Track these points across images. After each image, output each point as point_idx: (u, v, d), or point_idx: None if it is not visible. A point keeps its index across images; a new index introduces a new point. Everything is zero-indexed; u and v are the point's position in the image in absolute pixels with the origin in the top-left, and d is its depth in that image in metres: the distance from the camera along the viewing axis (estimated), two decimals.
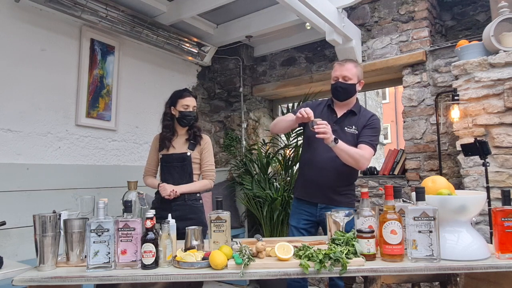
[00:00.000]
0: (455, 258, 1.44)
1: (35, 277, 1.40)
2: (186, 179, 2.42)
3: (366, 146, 2.14)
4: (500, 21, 2.44)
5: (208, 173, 2.50)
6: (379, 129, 2.25)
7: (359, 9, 3.49)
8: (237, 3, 3.35)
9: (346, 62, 2.23)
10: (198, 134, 2.52)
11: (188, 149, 2.45)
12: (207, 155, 2.51)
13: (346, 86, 2.19)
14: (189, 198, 2.40)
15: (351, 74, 2.18)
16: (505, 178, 2.41)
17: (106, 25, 3.12)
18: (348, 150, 2.06)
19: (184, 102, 2.43)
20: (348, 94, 2.22)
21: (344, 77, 2.19)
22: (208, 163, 2.50)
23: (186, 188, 2.37)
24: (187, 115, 2.43)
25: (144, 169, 2.59)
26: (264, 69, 4.32)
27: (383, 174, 3.37)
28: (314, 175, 2.22)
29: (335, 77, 2.23)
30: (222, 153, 4.39)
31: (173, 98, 2.49)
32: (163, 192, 2.32)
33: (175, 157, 2.43)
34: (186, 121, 2.45)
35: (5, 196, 2.55)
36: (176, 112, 2.46)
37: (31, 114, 2.78)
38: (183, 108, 2.43)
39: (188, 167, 2.42)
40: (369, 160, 2.14)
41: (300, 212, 2.27)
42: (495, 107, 2.47)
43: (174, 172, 2.42)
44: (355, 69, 2.20)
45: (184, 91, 2.50)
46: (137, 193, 1.77)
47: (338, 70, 2.21)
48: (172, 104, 2.48)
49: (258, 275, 1.43)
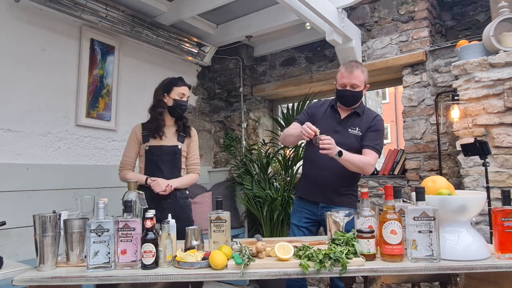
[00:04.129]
0: (455, 258, 1.44)
1: (35, 277, 1.40)
2: (176, 173, 2.29)
3: (371, 151, 2.12)
4: (500, 21, 2.44)
5: (195, 167, 2.39)
6: (383, 131, 2.23)
7: (359, 9, 3.49)
8: (237, 3, 3.35)
9: (354, 68, 2.15)
10: (188, 126, 2.39)
11: (178, 141, 2.31)
12: (195, 148, 2.40)
13: (354, 94, 2.17)
14: (181, 196, 2.30)
15: (359, 81, 2.14)
16: (505, 178, 2.41)
17: (106, 25, 3.12)
18: (353, 160, 2.04)
19: (180, 90, 2.29)
20: (356, 101, 2.21)
21: (353, 85, 2.14)
22: (195, 156, 2.40)
23: (178, 183, 2.26)
24: (182, 104, 2.29)
25: (121, 162, 2.36)
26: (264, 69, 4.32)
27: (383, 174, 3.37)
28: (316, 175, 2.22)
29: (343, 84, 2.16)
30: (222, 153, 4.39)
31: (168, 85, 2.31)
32: (157, 188, 2.16)
33: (166, 150, 2.27)
34: (180, 111, 2.30)
35: (5, 196, 2.55)
36: (169, 100, 2.28)
37: (31, 114, 2.78)
38: (179, 97, 2.28)
39: (179, 160, 2.31)
40: (374, 165, 2.13)
41: (301, 211, 2.28)
42: (495, 107, 2.47)
43: (163, 166, 2.26)
44: (362, 75, 2.16)
45: (180, 79, 2.35)
46: (137, 193, 1.77)
47: (347, 78, 2.14)
48: (165, 91, 2.30)
49: (258, 275, 1.43)
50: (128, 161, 2.35)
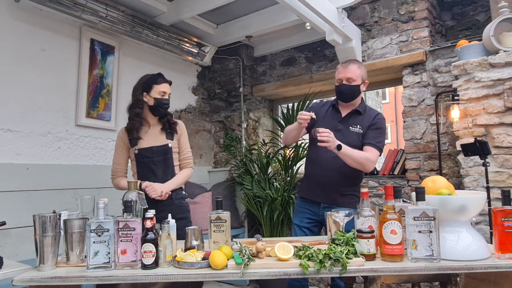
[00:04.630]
0: (455, 258, 1.44)
1: (35, 277, 1.40)
2: (170, 173, 2.22)
3: (372, 148, 2.13)
4: (500, 21, 2.44)
5: (188, 161, 2.32)
6: (385, 129, 2.23)
7: (359, 9, 3.49)
8: (237, 3, 3.35)
9: (350, 63, 2.21)
10: (173, 122, 2.29)
11: (168, 140, 2.24)
12: (185, 142, 2.32)
13: (350, 87, 2.18)
14: (176, 197, 2.23)
15: (355, 75, 2.17)
16: (505, 178, 2.41)
17: (106, 25, 3.12)
18: (353, 155, 2.05)
19: (160, 88, 2.19)
20: (353, 95, 2.22)
21: (348, 79, 2.17)
22: (187, 150, 2.32)
23: (174, 184, 2.19)
24: (164, 103, 2.20)
25: (112, 171, 2.30)
26: (264, 69, 4.32)
27: (383, 174, 3.37)
28: (317, 174, 2.23)
29: (339, 79, 2.21)
30: (222, 153, 4.39)
31: (147, 84, 2.21)
32: (152, 193, 2.09)
33: (156, 150, 2.19)
34: (163, 110, 2.22)
35: (5, 196, 2.55)
36: (149, 99, 2.19)
37: (31, 114, 2.78)
38: (160, 95, 2.19)
39: (170, 160, 2.23)
40: (375, 162, 2.14)
41: (303, 211, 2.27)
42: (495, 107, 2.47)
43: (155, 167, 2.19)
44: (358, 70, 2.19)
45: (159, 75, 2.25)
46: (137, 193, 1.77)
47: (342, 72, 2.19)
48: (145, 90, 2.20)
49: (258, 275, 1.43)
50: (119, 168, 2.29)
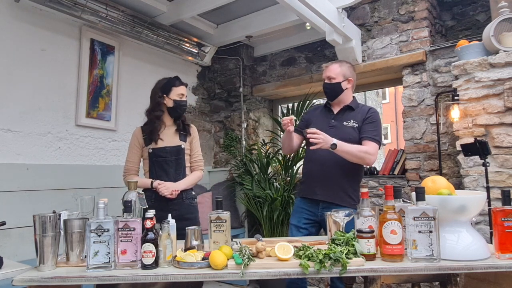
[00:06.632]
0: (455, 258, 1.44)
1: (35, 277, 1.40)
2: (182, 173, 2.29)
3: (370, 142, 2.15)
4: (500, 21, 2.44)
5: (199, 163, 2.40)
6: (379, 122, 2.26)
7: (359, 9, 3.49)
8: (237, 3, 3.35)
9: (332, 63, 2.34)
10: (187, 124, 2.38)
11: (181, 141, 2.31)
12: (197, 145, 2.40)
13: (331, 85, 2.28)
14: (186, 196, 2.29)
15: (334, 74, 2.27)
16: (505, 178, 2.41)
17: (106, 25, 3.12)
18: (350, 150, 2.07)
19: (179, 90, 2.29)
20: (335, 93, 2.29)
21: (329, 77, 2.29)
22: (198, 153, 2.40)
23: (185, 184, 2.26)
24: (182, 104, 2.29)
25: (125, 168, 2.34)
26: (264, 69, 4.32)
27: (383, 174, 3.37)
28: (314, 170, 2.24)
29: (323, 79, 2.35)
30: (222, 153, 4.39)
31: (166, 86, 2.30)
32: (164, 191, 2.16)
33: (169, 151, 2.26)
34: (181, 111, 2.30)
35: (5, 196, 2.55)
36: (168, 101, 2.28)
37: (31, 114, 2.78)
38: (178, 97, 2.28)
39: (183, 160, 2.30)
40: (374, 155, 2.15)
41: (301, 211, 2.27)
42: (495, 107, 2.47)
43: (168, 167, 2.25)
44: (339, 68, 2.28)
45: (176, 78, 2.34)
46: (137, 193, 1.77)
47: (324, 72, 2.33)
48: (164, 92, 2.29)
49: (258, 275, 1.43)
50: (132, 167, 2.33)
